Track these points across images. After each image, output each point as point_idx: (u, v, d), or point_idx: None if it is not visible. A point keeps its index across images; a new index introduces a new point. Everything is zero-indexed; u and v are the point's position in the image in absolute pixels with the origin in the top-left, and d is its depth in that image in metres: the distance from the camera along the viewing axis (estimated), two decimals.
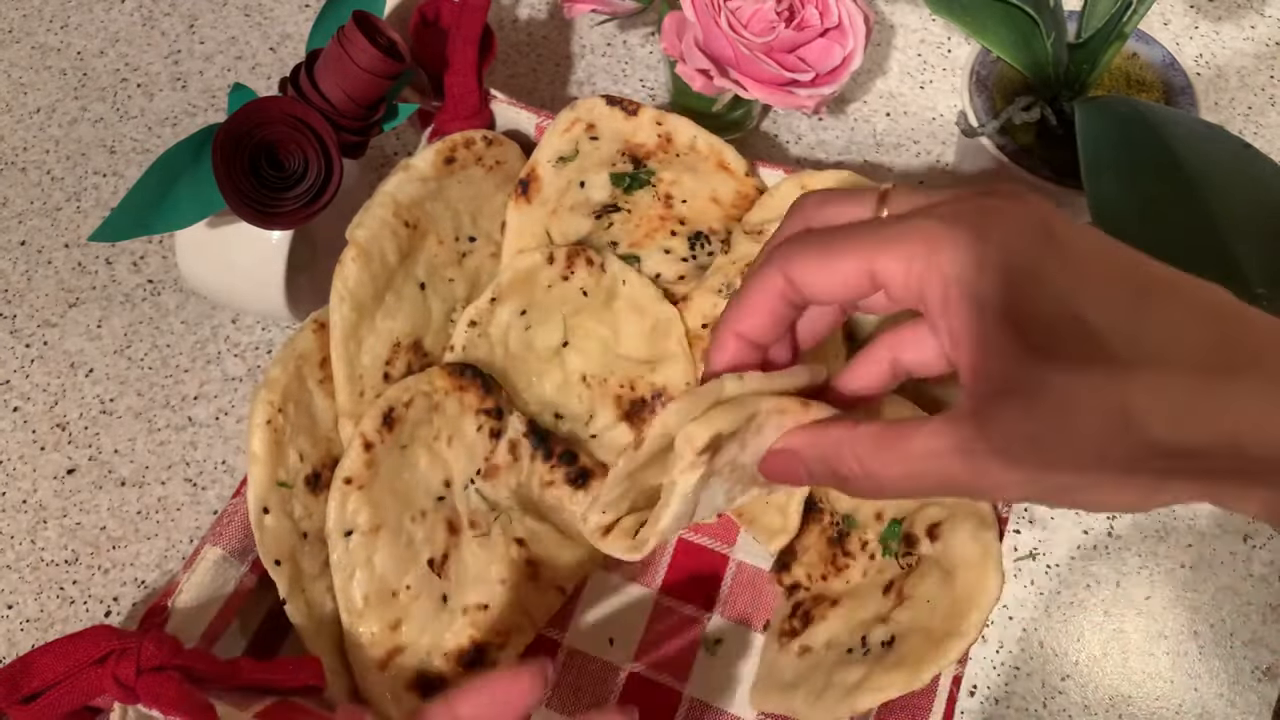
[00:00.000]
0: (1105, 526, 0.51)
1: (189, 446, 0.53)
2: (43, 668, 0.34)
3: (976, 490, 0.28)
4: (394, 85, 0.47)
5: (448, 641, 0.44)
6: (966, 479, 0.28)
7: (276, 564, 0.40)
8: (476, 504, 0.46)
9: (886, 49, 0.68)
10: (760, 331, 0.32)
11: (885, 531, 0.44)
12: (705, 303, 0.48)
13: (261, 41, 0.68)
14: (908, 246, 0.28)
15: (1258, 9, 0.71)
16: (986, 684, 0.48)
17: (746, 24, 0.51)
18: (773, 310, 0.31)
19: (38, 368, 0.55)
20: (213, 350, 0.56)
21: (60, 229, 0.60)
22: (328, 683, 0.41)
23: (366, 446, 0.42)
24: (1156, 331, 0.27)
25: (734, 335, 0.32)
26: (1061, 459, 0.27)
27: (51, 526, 0.51)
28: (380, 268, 0.44)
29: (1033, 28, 0.49)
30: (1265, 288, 0.38)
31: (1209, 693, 0.47)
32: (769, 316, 0.32)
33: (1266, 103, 0.66)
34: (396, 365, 0.45)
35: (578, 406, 0.49)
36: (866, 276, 0.29)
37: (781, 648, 0.44)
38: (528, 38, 0.68)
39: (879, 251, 0.29)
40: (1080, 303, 0.27)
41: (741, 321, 0.32)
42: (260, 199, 0.44)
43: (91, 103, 0.65)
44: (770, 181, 0.50)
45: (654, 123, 0.50)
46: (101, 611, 0.49)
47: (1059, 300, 0.27)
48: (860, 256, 0.29)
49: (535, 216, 0.49)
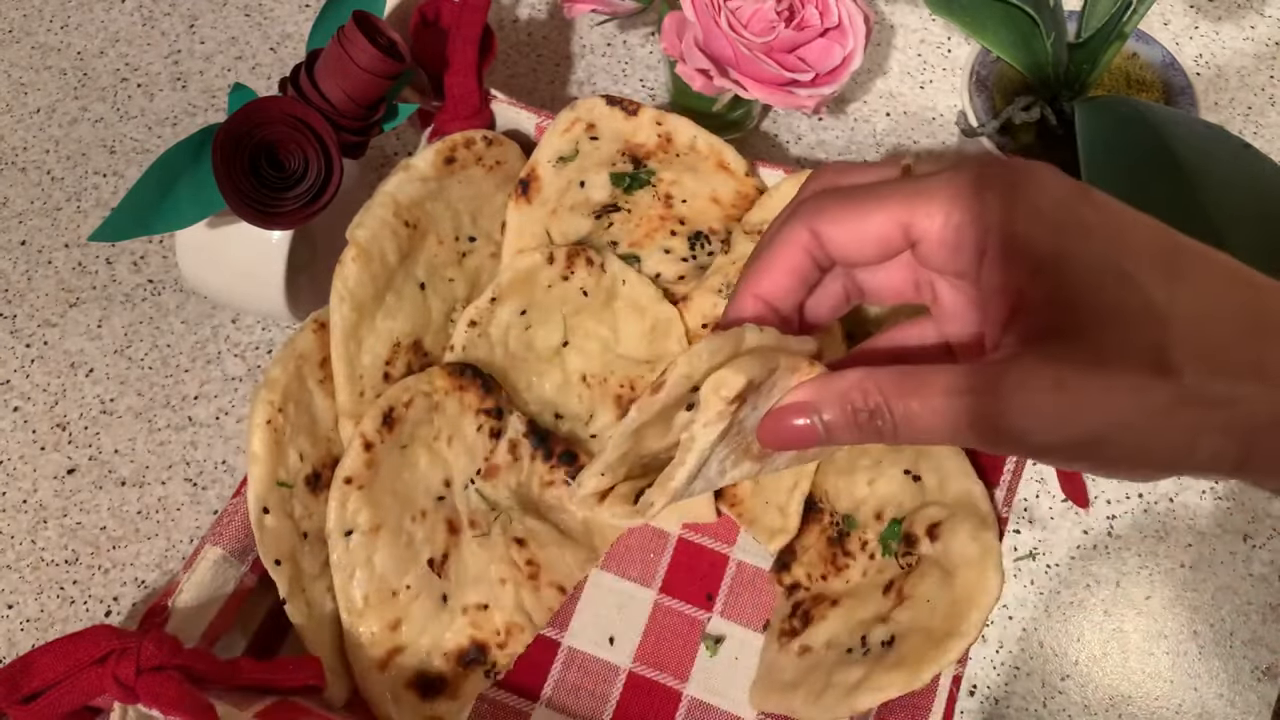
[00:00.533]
0: (1105, 526, 0.51)
1: (189, 446, 0.53)
2: (43, 668, 0.34)
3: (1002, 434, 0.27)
4: (394, 85, 0.47)
5: (448, 641, 0.44)
6: (992, 420, 0.27)
7: (276, 564, 0.40)
8: (476, 504, 0.46)
9: (886, 49, 0.68)
10: (781, 292, 0.31)
11: (885, 531, 0.44)
12: (705, 303, 0.48)
13: (261, 41, 0.68)
14: (945, 198, 0.28)
15: (1258, 9, 0.71)
16: (986, 684, 0.48)
17: (746, 24, 0.51)
18: (796, 268, 0.30)
19: (38, 368, 0.55)
20: (213, 350, 0.56)
21: (60, 229, 0.60)
22: (328, 683, 0.41)
23: (366, 446, 0.42)
24: (1191, 288, 0.27)
25: (753, 296, 0.31)
26: (1095, 403, 0.26)
27: (51, 526, 0.51)
28: (380, 268, 0.44)
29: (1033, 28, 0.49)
30: None
31: (1209, 693, 0.47)
32: (792, 276, 0.30)
33: (1266, 103, 0.66)
34: (396, 365, 0.45)
35: (578, 406, 0.49)
36: (900, 230, 0.29)
37: (781, 648, 0.44)
38: (528, 38, 0.68)
39: (916, 203, 0.28)
40: (1120, 257, 0.27)
41: (762, 280, 0.31)
42: (260, 199, 0.44)
43: (91, 103, 0.65)
44: (770, 181, 0.50)
45: (654, 123, 0.50)
46: (101, 611, 0.49)
47: (1099, 254, 0.27)
48: (895, 208, 0.28)
49: (535, 216, 0.49)
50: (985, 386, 0.27)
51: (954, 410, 0.27)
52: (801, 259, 0.30)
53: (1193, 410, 0.25)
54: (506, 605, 0.45)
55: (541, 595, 0.46)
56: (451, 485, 0.45)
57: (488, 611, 0.44)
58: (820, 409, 0.29)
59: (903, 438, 0.29)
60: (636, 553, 0.48)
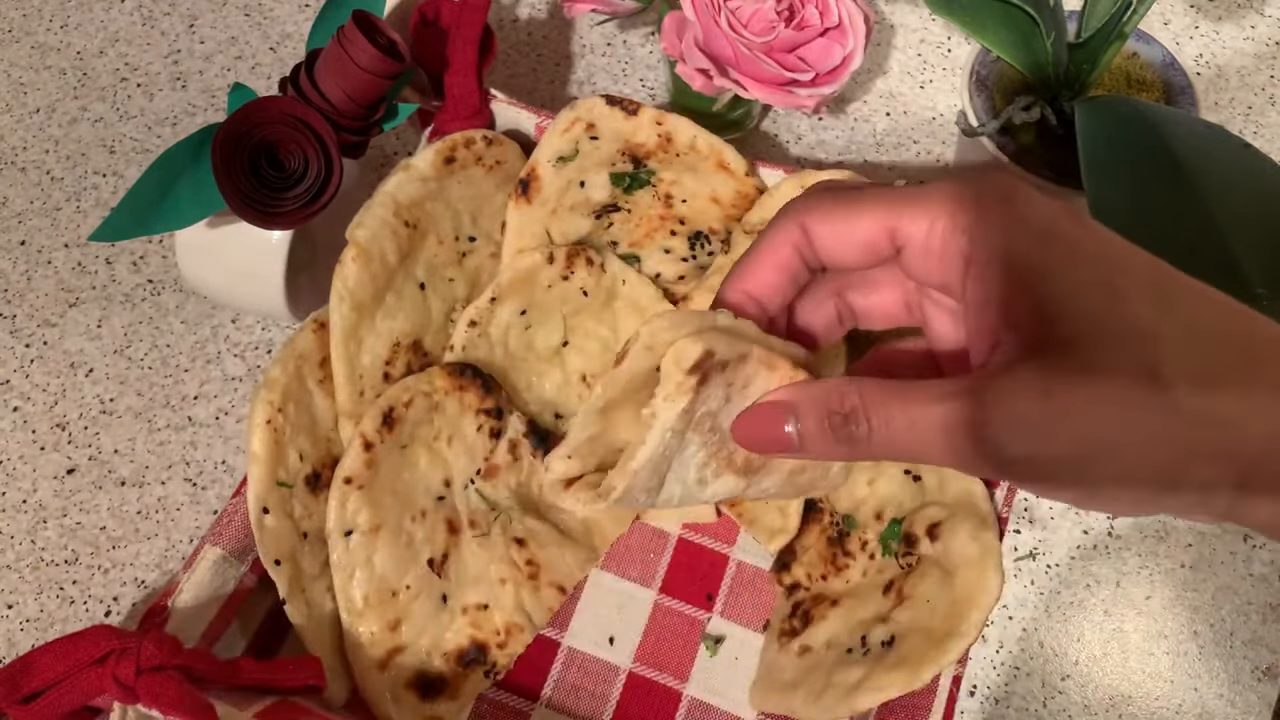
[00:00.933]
0: (1105, 526, 0.51)
1: (189, 446, 0.53)
2: (43, 667, 0.34)
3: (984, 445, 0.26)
4: (394, 85, 0.47)
5: (448, 641, 0.44)
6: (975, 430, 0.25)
7: (276, 564, 0.40)
8: (476, 504, 0.46)
9: (886, 49, 0.68)
10: (768, 289, 0.30)
11: (885, 531, 0.44)
12: (705, 302, 0.48)
13: (261, 41, 0.68)
14: (933, 206, 0.28)
15: (1258, 9, 0.71)
16: (986, 684, 0.48)
17: (746, 24, 0.51)
18: (785, 265, 0.30)
19: (38, 368, 0.55)
20: (213, 350, 0.56)
21: (60, 229, 0.60)
22: (328, 683, 0.41)
23: (366, 446, 0.42)
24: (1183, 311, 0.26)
25: (740, 292, 0.31)
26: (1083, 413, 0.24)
27: (51, 526, 0.51)
28: (380, 268, 0.44)
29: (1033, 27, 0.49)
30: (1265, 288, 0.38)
31: (1209, 693, 0.47)
32: (779, 273, 0.30)
33: (1266, 103, 0.66)
34: (396, 365, 0.45)
35: (578, 406, 0.49)
36: (886, 235, 0.28)
37: (781, 647, 0.44)
38: (528, 38, 0.68)
39: (903, 209, 0.28)
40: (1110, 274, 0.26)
41: (750, 276, 0.31)
42: (260, 199, 0.44)
43: (91, 102, 0.65)
44: (770, 181, 0.50)
45: (654, 122, 0.50)
46: (101, 611, 0.49)
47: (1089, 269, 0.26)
48: (882, 213, 0.28)
49: (535, 216, 0.49)
50: (969, 396, 0.26)
51: (934, 419, 0.26)
52: (790, 255, 0.30)
53: (1186, 429, 0.24)
54: (506, 605, 0.45)
55: (541, 595, 0.46)
56: (451, 485, 0.45)
57: (488, 611, 0.44)
58: (797, 410, 0.29)
59: (877, 448, 0.28)
60: (636, 553, 0.48)
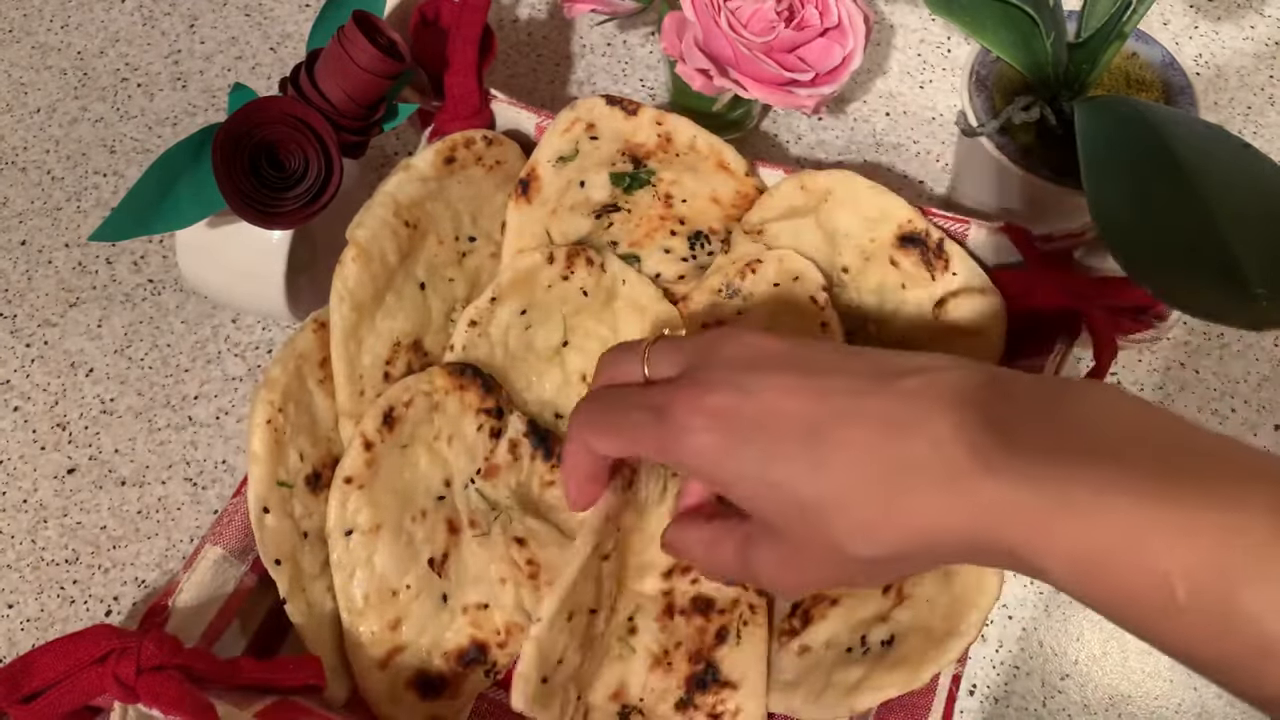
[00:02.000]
0: None
1: (189, 446, 0.53)
2: (43, 667, 0.34)
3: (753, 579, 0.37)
4: (394, 85, 0.47)
5: (448, 641, 0.44)
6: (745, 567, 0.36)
7: (276, 563, 0.40)
8: (476, 503, 0.46)
9: (886, 49, 0.68)
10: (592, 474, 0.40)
11: None
12: (705, 302, 0.48)
13: (261, 41, 0.68)
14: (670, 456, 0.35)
15: (1258, 9, 0.71)
16: (986, 683, 0.48)
17: (746, 24, 0.51)
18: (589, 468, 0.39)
19: (38, 367, 0.55)
20: (213, 350, 0.56)
21: (60, 229, 0.60)
22: (328, 682, 0.41)
23: (367, 446, 0.42)
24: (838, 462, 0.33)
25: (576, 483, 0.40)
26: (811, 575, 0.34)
27: (52, 526, 0.51)
28: (380, 268, 0.44)
29: (1032, 28, 0.49)
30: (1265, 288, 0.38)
31: (1208, 692, 0.47)
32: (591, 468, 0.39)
33: (1266, 103, 0.66)
34: (396, 365, 0.45)
35: None
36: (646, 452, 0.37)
37: (781, 647, 0.44)
38: (528, 38, 0.68)
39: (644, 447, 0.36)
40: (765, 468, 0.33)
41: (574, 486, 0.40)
42: (260, 199, 0.44)
43: (91, 102, 0.65)
44: (770, 181, 0.50)
45: (654, 122, 0.50)
46: (102, 611, 0.49)
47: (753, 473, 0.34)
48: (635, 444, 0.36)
49: (535, 216, 0.49)
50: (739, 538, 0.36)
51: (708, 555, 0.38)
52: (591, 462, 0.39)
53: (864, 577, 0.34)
54: (506, 605, 0.45)
55: (541, 595, 0.46)
56: (451, 485, 0.45)
57: (488, 611, 0.44)
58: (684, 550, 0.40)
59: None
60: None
